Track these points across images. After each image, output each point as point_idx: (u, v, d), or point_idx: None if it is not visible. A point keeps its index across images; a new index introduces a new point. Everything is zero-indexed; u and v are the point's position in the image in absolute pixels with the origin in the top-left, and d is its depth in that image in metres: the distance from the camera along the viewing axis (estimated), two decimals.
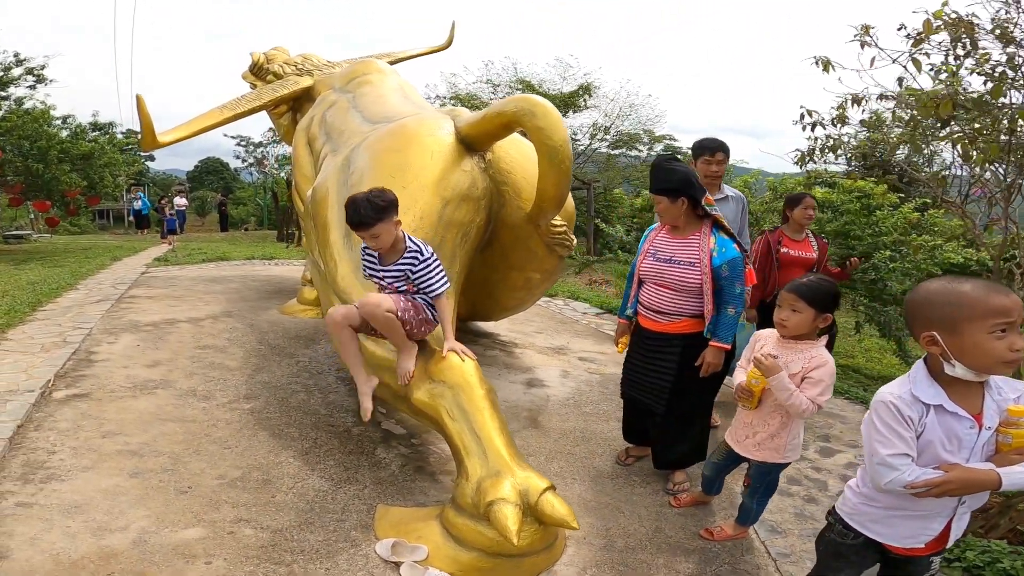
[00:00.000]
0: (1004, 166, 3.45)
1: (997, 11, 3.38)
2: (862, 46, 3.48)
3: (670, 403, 3.04)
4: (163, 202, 15.94)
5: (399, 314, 2.67)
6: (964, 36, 3.04)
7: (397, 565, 2.37)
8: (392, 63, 7.25)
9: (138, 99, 5.42)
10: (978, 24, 3.15)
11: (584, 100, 16.58)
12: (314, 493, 2.82)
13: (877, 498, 1.84)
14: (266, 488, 2.82)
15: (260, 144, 28.34)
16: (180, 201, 18.19)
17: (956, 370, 1.64)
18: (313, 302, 5.97)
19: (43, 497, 2.52)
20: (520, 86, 15.79)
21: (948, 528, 1.81)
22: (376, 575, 2.32)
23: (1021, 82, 3.16)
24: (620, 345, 3.36)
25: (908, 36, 3.26)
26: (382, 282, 2.84)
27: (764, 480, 2.61)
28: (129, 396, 3.72)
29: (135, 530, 2.36)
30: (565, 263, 4.86)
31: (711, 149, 3.85)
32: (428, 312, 2.80)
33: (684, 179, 2.91)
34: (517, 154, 4.18)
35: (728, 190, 4.11)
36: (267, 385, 4.09)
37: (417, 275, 2.74)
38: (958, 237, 5.67)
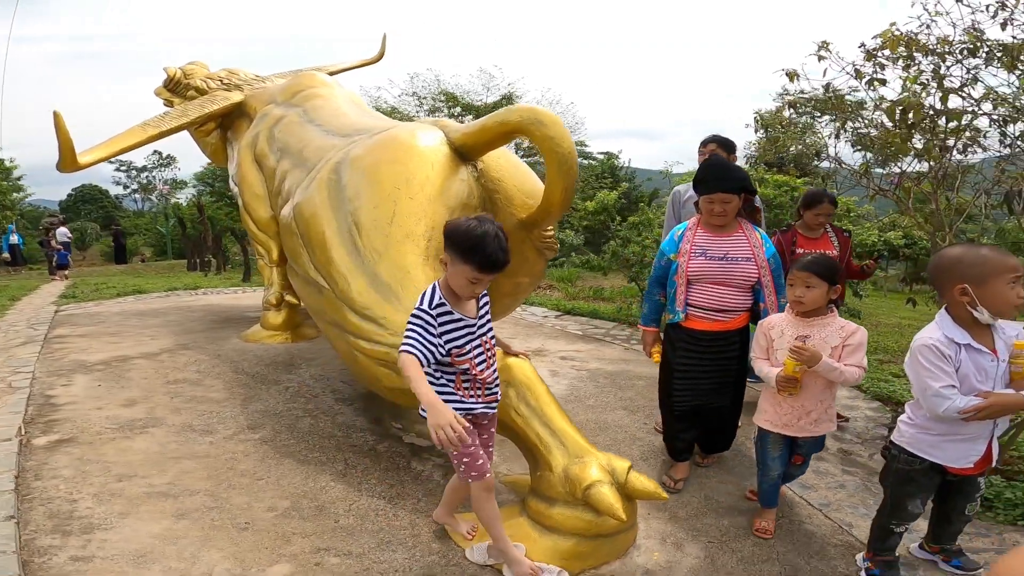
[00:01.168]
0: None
1: (919, 26, 3.87)
2: (819, 59, 3.89)
3: (734, 395, 3.09)
4: (49, 235, 14.33)
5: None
6: (915, 52, 3.46)
7: (491, 567, 2.34)
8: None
9: (56, 117, 4.96)
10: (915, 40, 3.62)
11: None
12: (374, 513, 2.71)
13: (931, 426, 2.17)
14: (324, 515, 2.66)
15: (144, 169, 26.20)
16: (63, 232, 16.47)
17: (983, 315, 2.02)
18: (280, 327, 5.65)
19: (97, 549, 2.23)
20: (443, 98, 15.79)
21: (990, 449, 2.17)
22: None
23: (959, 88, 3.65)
24: (656, 355, 3.16)
25: (867, 52, 3.66)
26: (482, 341, 2.29)
27: (816, 450, 2.76)
28: (121, 437, 3.36)
29: (221, 573, 2.16)
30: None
31: (703, 143, 3.92)
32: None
33: (746, 175, 2.96)
34: (506, 163, 4.21)
35: None
36: (266, 414, 3.84)
37: None
38: (876, 220, 6.38)
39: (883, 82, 4.06)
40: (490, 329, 2.33)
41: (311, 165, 4.61)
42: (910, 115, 3.57)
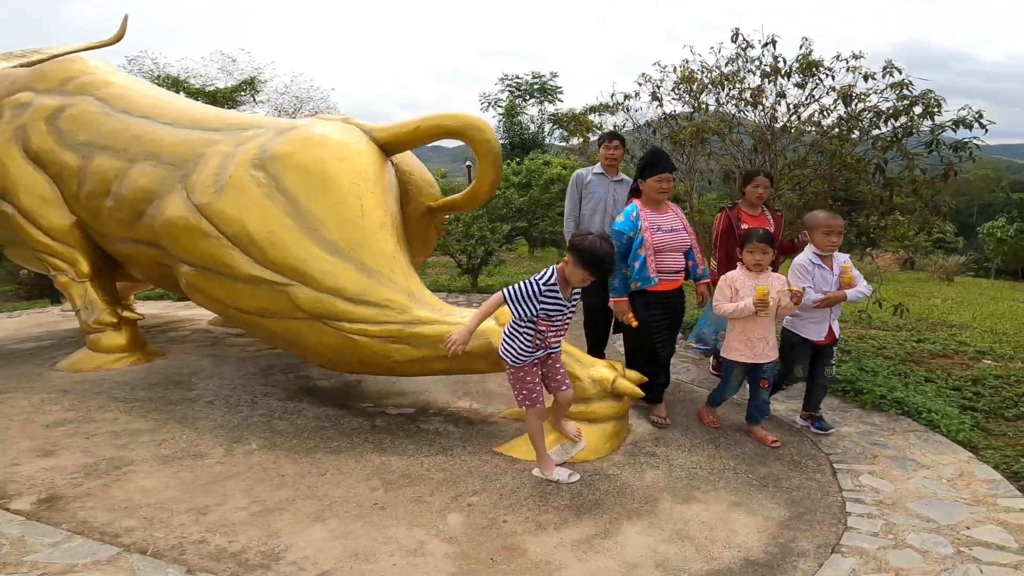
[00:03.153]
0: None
1: (683, 61, 5.53)
2: (639, 85, 5.31)
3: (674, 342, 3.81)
4: None
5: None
6: (695, 87, 5.10)
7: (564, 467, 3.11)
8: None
9: None
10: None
11: (252, 95, 15.36)
12: (448, 465, 3.12)
13: (800, 313, 3.58)
14: (416, 480, 2.97)
15: None
16: None
17: (815, 249, 3.56)
18: (126, 347, 4.83)
19: (313, 566, 2.31)
20: (167, 83, 13.58)
21: (831, 328, 3.64)
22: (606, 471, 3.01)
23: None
24: (634, 320, 3.55)
25: (678, 82, 5.20)
26: (564, 318, 2.93)
27: (773, 371, 3.52)
28: (112, 481, 2.90)
29: (427, 540, 2.49)
30: None
31: (609, 138, 4.70)
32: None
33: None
34: (410, 157, 4.61)
35: (623, 175, 4.69)
36: (229, 428, 3.64)
37: None
38: None
39: (659, 100, 5.68)
40: (573, 312, 2.99)
41: (174, 160, 4.26)
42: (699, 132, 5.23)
